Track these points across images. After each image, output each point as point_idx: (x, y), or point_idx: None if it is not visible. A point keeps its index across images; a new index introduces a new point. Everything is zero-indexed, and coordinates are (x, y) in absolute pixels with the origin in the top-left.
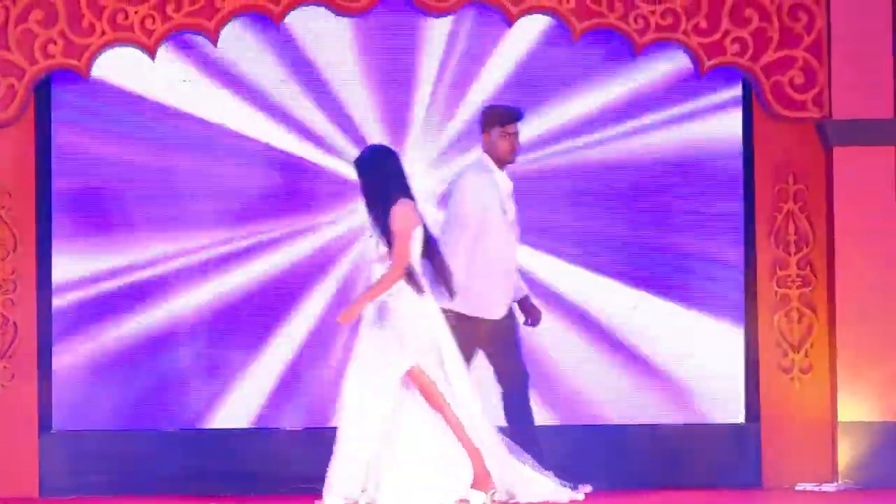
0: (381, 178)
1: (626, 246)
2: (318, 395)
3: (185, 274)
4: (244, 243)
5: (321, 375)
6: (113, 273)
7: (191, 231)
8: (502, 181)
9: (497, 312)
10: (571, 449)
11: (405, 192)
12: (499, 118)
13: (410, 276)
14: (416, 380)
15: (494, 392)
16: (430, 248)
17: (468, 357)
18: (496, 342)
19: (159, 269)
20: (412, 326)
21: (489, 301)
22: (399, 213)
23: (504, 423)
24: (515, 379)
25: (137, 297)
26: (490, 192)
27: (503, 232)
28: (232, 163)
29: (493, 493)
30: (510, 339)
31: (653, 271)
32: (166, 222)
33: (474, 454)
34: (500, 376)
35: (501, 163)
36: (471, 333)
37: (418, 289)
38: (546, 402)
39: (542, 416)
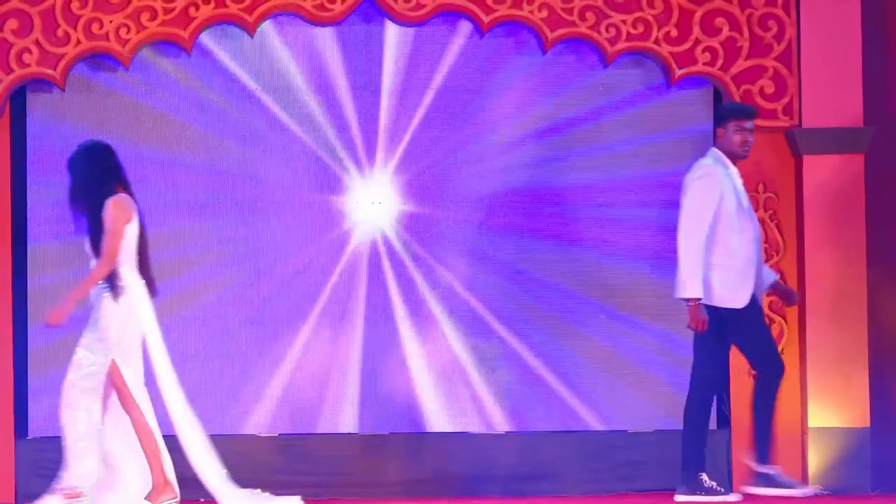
0: (96, 173)
1: (599, 255)
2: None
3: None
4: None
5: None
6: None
7: (162, 229)
8: (735, 174)
9: (740, 301)
10: (556, 452)
11: (121, 186)
12: (736, 114)
13: (114, 274)
14: (110, 377)
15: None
16: (143, 243)
17: (724, 352)
18: (743, 332)
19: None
20: (114, 324)
21: (732, 290)
22: (112, 207)
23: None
24: (769, 369)
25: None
26: (726, 183)
27: (740, 222)
28: (205, 164)
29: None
30: (757, 327)
31: (619, 287)
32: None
33: (155, 462)
34: (755, 363)
35: (734, 157)
36: (718, 324)
37: (119, 287)
38: (535, 410)
39: (499, 417)
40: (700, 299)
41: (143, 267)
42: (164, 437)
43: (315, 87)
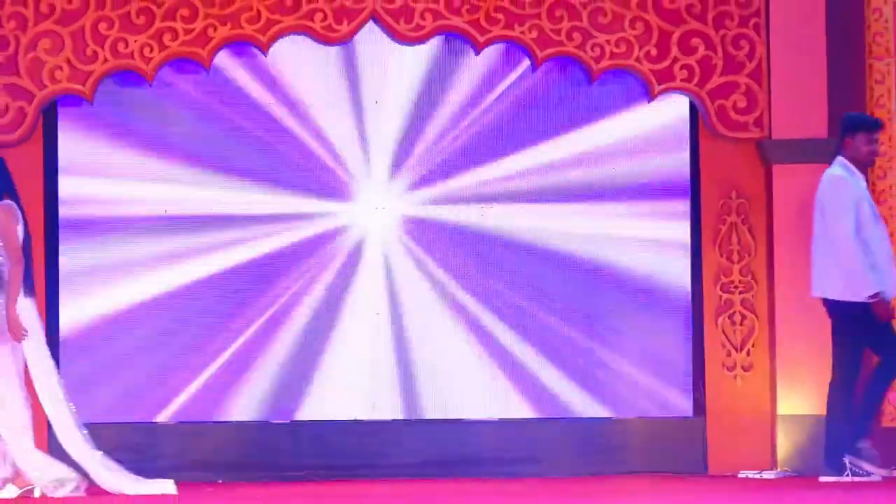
0: None
1: (581, 258)
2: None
3: (173, 276)
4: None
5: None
6: (111, 281)
7: (184, 235)
8: (862, 182)
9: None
10: (543, 439)
11: (8, 195)
12: (865, 125)
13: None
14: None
15: None
16: (26, 246)
17: (861, 341)
18: (874, 323)
19: (153, 276)
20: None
21: (881, 285)
22: (2, 214)
23: None
24: (890, 358)
25: (135, 310)
26: (858, 189)
27: (875, 224)
28: (219, 170)
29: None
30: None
31: (604, 286)
32: (162, 230)
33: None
34: (880, 351)
35: (862, 165)
36: (856, 316)
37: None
38: (519, 397)
39: (490, 408)
40: (879, 293)
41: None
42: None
43: (324, 102)
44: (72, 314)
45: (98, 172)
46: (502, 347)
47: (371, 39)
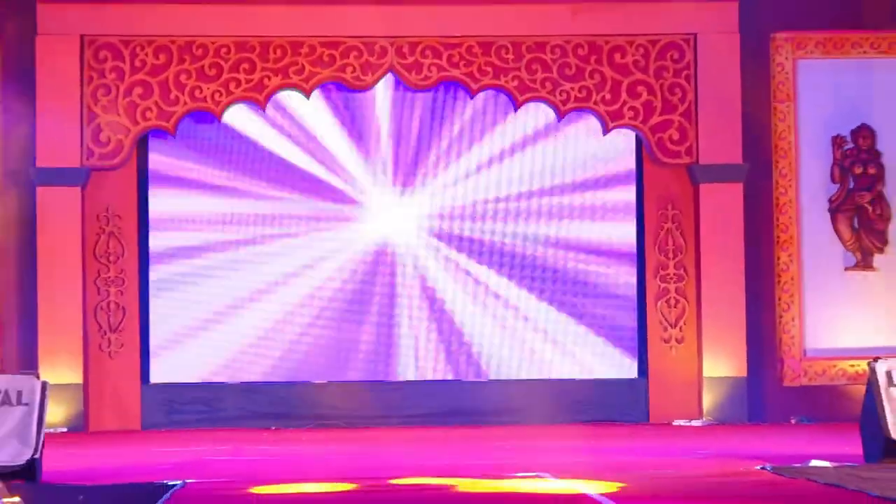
0: None
1: (552, 255)
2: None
3: (240, 264)
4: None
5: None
6: (191, 274)
7: (245, 236)
8: None
9: None
10: (522, 395)
11: None
12: None
13: None
14: None
15: None
16: None
17: None
18: None
19: (219, 269)
20: None
21: None
22: None
23: None
24: None
25: (215, 291)
26: None
27: None
28: (269, 184)
29: None
30: None
31: (570, 277)
32: (227, 228)
33: None
34: None
35: None
36: None
37: None
38: (506, 360)
39: (483, 369)
40: None
41: None
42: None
43: (353, 136)
44: (157, 302)
45: (179, 188)
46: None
47: (383, 86)
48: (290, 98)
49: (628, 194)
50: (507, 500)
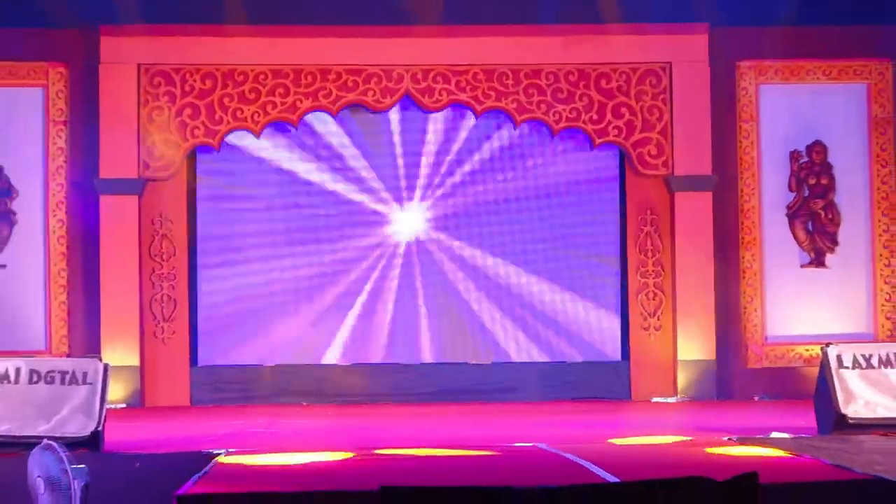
0: None
1: (548, 254)
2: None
3: (276, 263)
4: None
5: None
6: (233, 271)
7: (279, 238)
8: None
9: None
10: (521, 375)
11: None
12: None
13: None
14: None
15: None
16: None
17: None
18: None
19: (263, 265)
20: None
21: None
22: None
23: None
24: None
25: (254, 286)
26: None
27: None
28: (302, 191)
29: None
30: None
31: (563, 272)
32: (267, 234)
33: None
34: None
35: None
36: None
37: None
38: (507, 344)
39: (485, 352)
40: None
41: None
42: None
43: (374, 153)
44: (205, 298)
45: (223, 197)
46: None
47: (399, 109)
48: (318, 119)
49: (612, 201)
50: (507, 464)
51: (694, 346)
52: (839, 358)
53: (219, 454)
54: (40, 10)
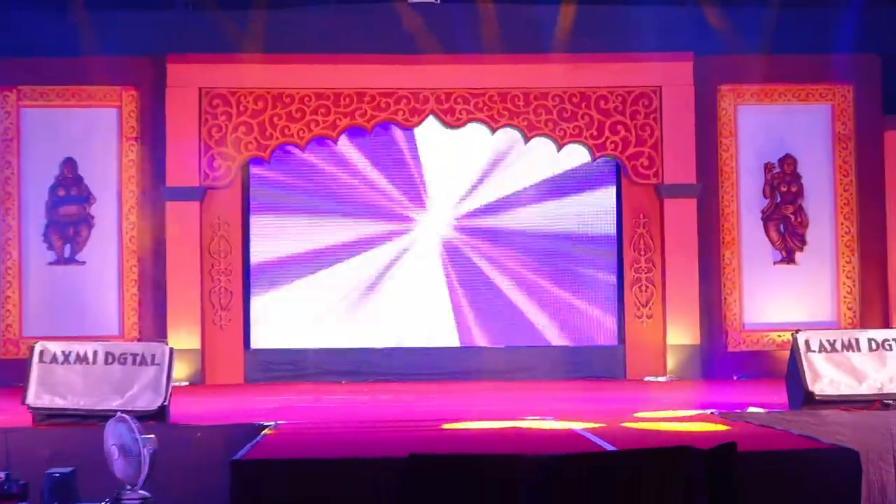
0: None
1: (554, 252)
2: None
3: (319, 259)
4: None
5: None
6: (281, 267)
7: (322, 238)
8: None
9: None
10: (533, 358)
11: None
12: None
13: None
14: None
15: None
16: None
17: None
18: None
19: (306, 263)
20: None
21: None
22: None
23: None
24: None
25: (299, 279)
26: None
27: None
28: (341, 198)
29: None
30: None
31: (567, 268)
32: (311, 234)
33: None
34: None
35: None
36: None
37: None
38: (519, 331)
39: (503, 339)
40: None
41: None
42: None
43: (402, 164)
44: (256, 290)
45: (272, 202)
46: (509, 305)
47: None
48: (355, 135)
49: (610, 206)
50: (519, 435)
51: (681, 332)
52: (807, 343)
53: (269, 425)
54: (115, 41)
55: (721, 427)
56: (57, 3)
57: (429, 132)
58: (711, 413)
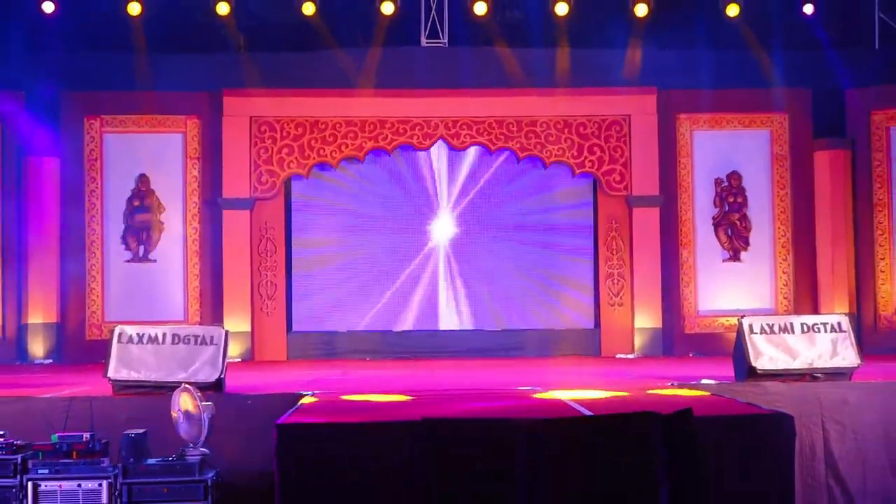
0: None
1: (543, 251)
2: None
3: (347, 257)
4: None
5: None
6: (317, 264)
7: (351, 240)
8: None
9: None
10: (523, 338)
11: None
12: None
13: None
14: None
15: None
16: None
17: None
18: None
19: (337, 258)
20: None
21: None
22: None
23: None
24: None
25: (331, 274)
26: None
27: None
28: (365, 210)
29: None
30: None
31: (553, 264)
32: (342, 237)
33: None
34: None
35: None
36: None
37: None
38: (512, 315)
39: (497, 322)
40: None
41: None
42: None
43: (417, 178)
44: (296, 283)
45: (309, 210)
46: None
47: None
48: (377, 155)
49: (588, 214)
50: (513, 402)
51: (646, 317)
52: (751, 326)
53: (306, 395)
54: (181, 78)
55: (679, 395)
56: (135, 47)
57: (439, 152)
58: (671, 384)
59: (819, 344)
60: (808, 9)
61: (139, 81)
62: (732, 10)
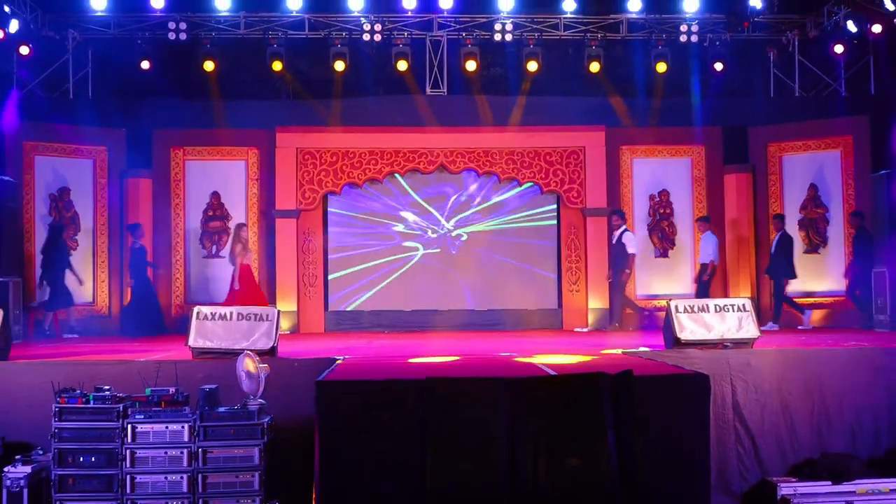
0: None
1: (520, 249)
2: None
3: (371, 254)
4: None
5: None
6: (348, 260)
7: (373, 242)
8: None
9: None
10: (502, 316)
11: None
12: None
13: None
14: None
15: None
16: None
17: None
18: None
19: (365, 256)
20: None
21: None
22: None
23: None
24: None
25: (359, 267)
26: None
27: None
28: (384, 219)
29: None
30: None
31: (528, 259)
32: (366, 239)
33: None
34: None
35: None
36: None
37: None
38: (496, 298)
39: (484, 303)
40: None
41: None
42: None
43: (424, 195)
44: (332, 273)
45: (342, 220)
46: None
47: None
48: (393, 177)
49: (553, 222)
50: (496, 365)
51: (597, 299)
52: (676, 307)
53: (339, 359)
54: (244, 118)
55: (623, 359)
56: (210, 95)
57: (440, 174)
58: (623, 352)
59: (728, 320)
60: (719, 66)
61: (213, 121)
62: (661, 67)
